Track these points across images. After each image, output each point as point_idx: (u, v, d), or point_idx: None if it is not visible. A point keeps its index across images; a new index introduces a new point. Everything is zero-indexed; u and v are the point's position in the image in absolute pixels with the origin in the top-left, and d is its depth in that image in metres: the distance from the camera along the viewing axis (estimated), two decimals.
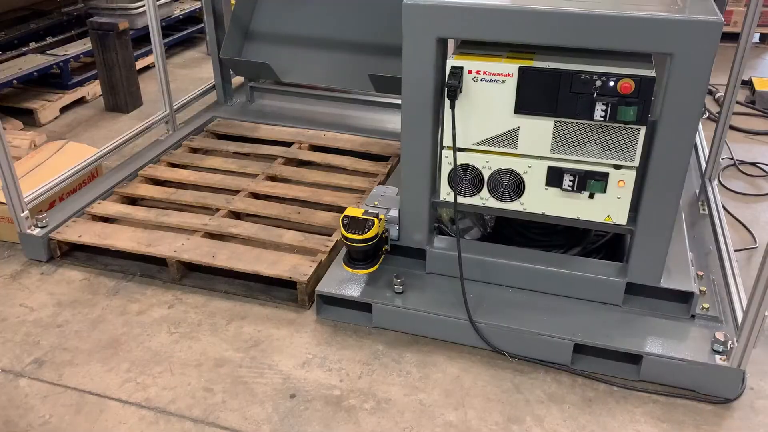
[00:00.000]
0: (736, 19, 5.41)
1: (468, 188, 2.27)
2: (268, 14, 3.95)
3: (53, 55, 4.38)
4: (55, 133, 4.01)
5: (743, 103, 4.30)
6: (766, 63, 5.21)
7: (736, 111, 4.12)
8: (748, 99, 4.35)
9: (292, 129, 3.71)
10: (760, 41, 5.63)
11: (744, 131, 3.95)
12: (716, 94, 4.42)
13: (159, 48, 3.44)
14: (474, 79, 2.10)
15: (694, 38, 1.84)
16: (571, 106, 2.02)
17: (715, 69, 1.93)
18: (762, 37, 5.62)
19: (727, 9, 5.10)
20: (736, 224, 3.01)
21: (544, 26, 1.96)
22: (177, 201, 3.01)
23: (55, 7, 5.27)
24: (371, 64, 3.69)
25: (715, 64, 1.89)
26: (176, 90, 4.31)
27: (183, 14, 5.54)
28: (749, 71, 4.86)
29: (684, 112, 1.95)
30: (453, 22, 2.06)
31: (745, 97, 4.36)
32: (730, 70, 2.81)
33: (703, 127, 3.77)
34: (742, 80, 3.34)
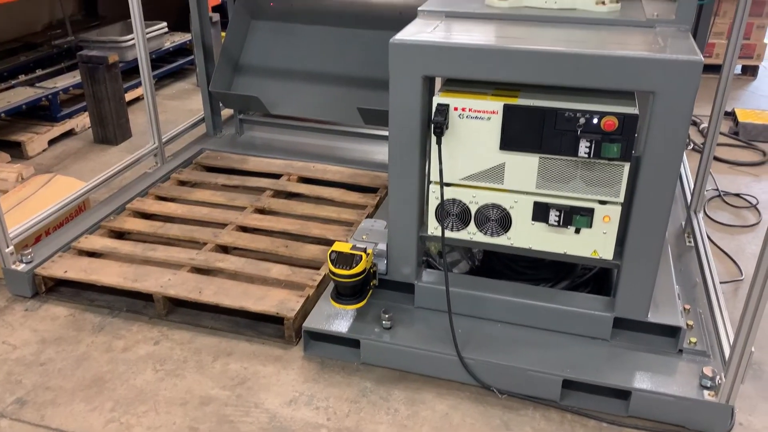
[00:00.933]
0: (718, 51, 5.51)
1: (455, 222, 2.27)
2: (257, 47, 3.99)
3: (42, 88, 4.39)
4: (42, 165, 4.00)
5: (727, 134, 4.36)
6: (748, 94, 5.30)
7: (720, 142, 4.18)
8: (732, 130, 4.41)
9: (281, 161, 3.72)
10: (742, 73, 5.73)
11: (728, 162, 4.00)
12: (700, 125, 4.48)
13: (148, 82, 3.45)
14: (460, 116, 2.12)
15: (676, 77, 1.87)
16: (555, 142, 2.04)
17: (699, 100, 1.96)
18: (744, 68, 5.73)
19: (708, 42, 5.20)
20: (722, 256, 3.03)
21: (528, 65, 1.99)
22: (164, 235, 3.00)
23: (45, 39, 5.29)
24: (360, 97, 3.72)
25: (699, 95, 1.92)
26: (166, 121, 4.34)
27: (173, 46, 5.58)
28: (732, 102, 4.94)
29: (667, 148, 1.98)
30: (439, 60, 2.08)
31: (728, 128, 4.43)
32: (713, 102, 2.85)
33: (687, 158, 3.81)
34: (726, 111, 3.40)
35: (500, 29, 2.22)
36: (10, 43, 5.25)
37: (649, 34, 2.10)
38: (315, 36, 3.93)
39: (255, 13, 3.99)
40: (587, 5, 2.29)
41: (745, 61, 5.65)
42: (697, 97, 1.91)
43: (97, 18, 6.11)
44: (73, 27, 5.58)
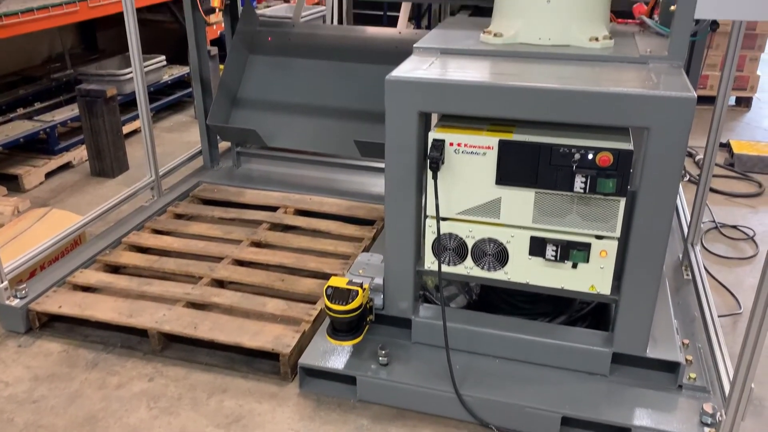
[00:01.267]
0: (712, 83, 5.57)
1: (452, 257, 2.26)
2: (255, 81, 4.02)
3: (40, 121, 4.41)
4: (39, 198, 4.00)
5: (722, 165, 4.39)
6: (742, 125, 5.34)
7: (716, 173, 4.20)
8: (727, 161, 4.43)
9: (278, 193, 3.72)
10: (736, 104, 5.78)
11: (724, 194, 4.01)
12: (696, 157, 4.50)
13: (146, 116, 3.47)
14: (456, 151, 2.13)
15: (669, 113, 1.88)
16: (551, 178, 2.05)
17: (694, 131, 1.96)
18: (738, 100, 5.78)
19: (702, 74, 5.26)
20: (720, 289, 3.02)
21: (522, 102, 2.00)
22: (160, 269, 2.98)
23: (44, 73, 5.33)
24: (356, 130, 3.74)
25: (694, 127, 1.92)
26: (163, 154, 4.35)
27: (172, 79, 5.62)
28: (727, 134, 4.97)
29: (662, 183, 1.98)
30: (434, 97, 2.10)
31: (724, 160, 4.45)
32: (708, 133, 2.87)
33: (683, 189, 3.82)
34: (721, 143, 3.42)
35: (495, 66, 2.24)
36: (9, 77, 5.28)
37: (642, 71, 2.12)
38: (312, 70, 3.97)
39: (253, 48, 4.03)
40: (581, 42, 2.31)
41: (738, 93, 5.70)
42: (692, 128, 1.91)
43: (96, 51, 6.17)
44: (73, 60, 5.63)
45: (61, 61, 5.56)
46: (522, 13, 2.37)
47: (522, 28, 2.37)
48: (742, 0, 2.00)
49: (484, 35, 2.45)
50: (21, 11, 3.86)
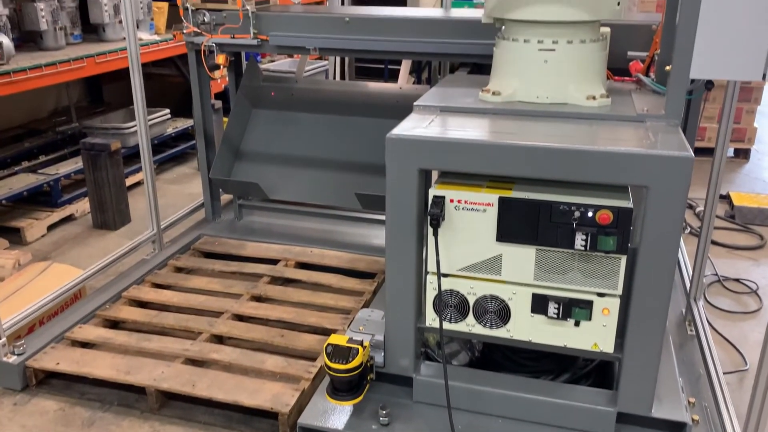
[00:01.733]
0: (710, 135, 5.63)
1: (454, 314, 2.25)
2: (258, 135, 4.07)
3: (44, 174, 4.46)
4: (41, 251, 4.00)
5: (723, 217, 4.40)
6: (742, 177, 5.37)
7: (717, 226, 4.20)
8: (728, 213, 4.44)
9: (279, 246, 3.72)
10: (735, 156, 5.83)
11: (726, 246, 4.01)
12: (696, 209, 4.52)
13: (149, 170, 3.51)
14: (456, 208, 2.14)
15: (667, 173, 1.89)
16: (551, 235, 2.05)
17: (694, 183, 1.97)
18: (736, 152, 5.83)
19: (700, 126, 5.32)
20: (725, 344, 2.99)
21: (521, 160, 2.02)
22: (159, 324, 2.96)
23: (50, 126, 5.41)
24: (358, 182, 3.77)
25: (693, 178, 1.92)
26: (165, 205, 4.37)
27: (176, 132, 5.69)
28: (726, 185, 5.00)
29: (663, 241, 1.98)
30: (434, 155, 2.12)
31: (724, 212, 4.46)
32: (707, 185, 2.88)
33: (684, 242, 3.82)
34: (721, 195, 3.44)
35: (494, 124, 2.27)
36: (15, 130, 5.36)
37: (639, 129, 2.15)
38: (314, 123, 4.02)
39: (256, 102, 4.10)
40: (578, 100, 2.35)
41: (736, 145, 5.76)
42: (692, 179, 1.92)
43: (102, 104, 6.27)
44: (78, 113, 5.72)
45: (67, 114, 5.65)
46: (520, 72, 2.41)
47: (520, 87, 2.41)
48: (735, 60, 2.05)
49: (483, 93, 2.49)
50: (29, 67, 3.94)
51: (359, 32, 3.40)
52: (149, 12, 5.32)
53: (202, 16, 3.54)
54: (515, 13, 2.33)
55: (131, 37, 3.33)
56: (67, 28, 4.79)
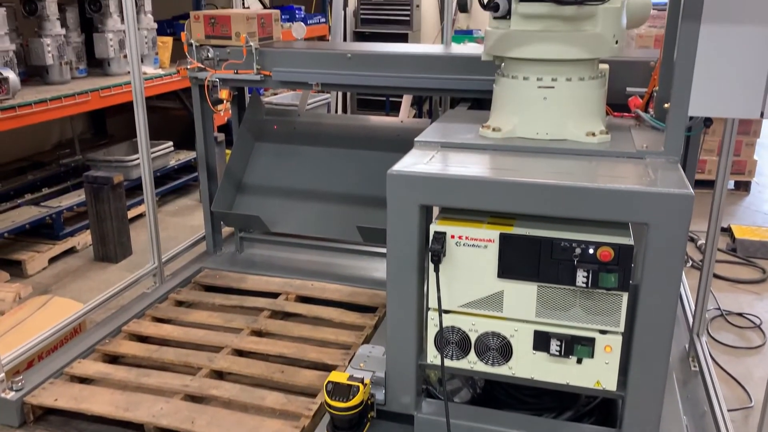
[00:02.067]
0: (710, 168, 5.65)
1: (455, 351, 2.23)
2: (260, 168, 4.10)
3: (47, 207, 4.48)
4: (41, 284, 4.00)
5: (724, 250, 4.39)
6: (742, 209, 5.38)
7: (719, 259, 4.19)
8: (729, 246, 4.44)
9: (280, 279, 3.71)
10: (735, 188, 5.85)
11: (728, 280, 4.00)
12: (697, 242, 4.51)
13: (151, 204, 3.52)
14: (457, 244, 2.14)
15: (667, 210, 1.90)
16: (552, 272, 2.05)
17: (694, 216, 1.96)
18: (736, 184, 5.85)
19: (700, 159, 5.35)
20: (729, 380, 2.96)
21: (522, 197, 2.03)
22: (159, 359, 2.94)
23: (54, 158, 5.45)
24: (359, 215, 3.78)
25: (694, 211, 1.92)
26: (167, 238, 4.38)
27: (178, 164, 5.73)
28: (727, 218, 5.01)
29: (664, 278, 1.98)
30: (435, 191, 2.13)
31: (726, 245, 4.46)
32: (708, 218, 2.88)
33: (686, 276, 3.81)
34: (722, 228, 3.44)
35: (494, 160, 2.29)
36: (19, 162, 5.40)
37: (639, 166, 2.16)
38: (316, 156, 4.05)
39: (259, 136, 4.13)
40: (578, 137, 2.36)
41: (737, 177, 5.78)
42: (693, 212, 1.92)
43: (105, 136, 6.33)
44: (82, 145, 5.77)
45: (71, 147, 5.70)
46: (519, 108, 2.43)
47: (520, 123, 2.43)
48: (733, 98, 2.07)
49: (483, 129, 2.51)
50: (34, 102, 3.99)
51: (361, 68, 3.44)
52: (154, 46, 5.40)
53: (206, 52, 3.59)
54: (514, 51, 2.36)
55: (135, 72, 3.37)
56: (73, 63, 4.86)
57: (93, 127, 6.44)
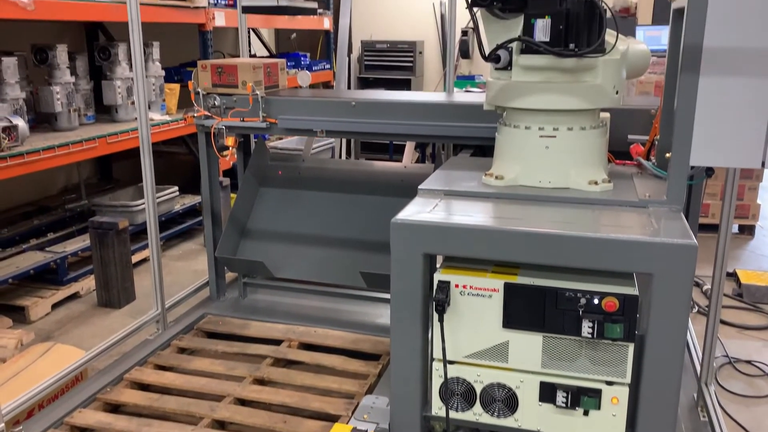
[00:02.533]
0: (714, 212, 5.66)
1: (460, 402, 2.21)
2: (264, 213, 4.12)
3: (52, 253, 4.49)
4: (44, 330, 3.98)
5: (731, 296, 4.36)
6: (747, 253, 5.36)
7: (725, 304, 4.17)
8: (735, 291, 4.41)
9: (283, 325, 3.69)
10: (740, 232, 5.84)
11: (735, 326, 3.96)
12: (703, 287, 4.49)
13: (155, 251, 3.53)
14: (461, 293, 2.14)
15: (671, 260, 1.90)
16: (558, 322, 2.04)
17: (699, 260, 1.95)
18: (741, 228, 5.84)
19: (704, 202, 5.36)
20: (739, 430, 2.91)
21: (526, 246, 2.03)
22: (161, 408, 2.91)
23: (59, 203, 5.49)
24: (363, 260, 3.78)
25: (699, 255, 1.91)
26: (170, 283, 4.37)
27: (183, 208, 5.76)
28: (733, 262, 4.99)
29: (669, 328, 1.96)
30: (438, 240, 2.14)
31: (732, 290, 4.43)
32: (714, 263, 2.87)
33: (693, 322, 3.78)
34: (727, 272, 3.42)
35: (497, 209, 2.30)
36: (25, 207, 5.44)
37: (642, 215, 2.17)
38: (320, 201, 4.07)
39: (263, 181, 4.16)
40: (580, 185, 2.38)
41: (741, 221, 5.78)
42: (698, 257, 1.91)
43: (111, 181, 6.38)
44: (88, 190, 5.81)
45: (77, 191, 5.74)
46: (522, 157, 2.45)
47: (522, 172, 2.45)
48: (734, 148, 2.09)
49: (486, 177, 2.53)
50: (42, 149, 4.04)
51: (365, 116, 3.49)
52: (161, 93, 5.49)
53: (213, 100, 3.65)
54: (516, 102, 2.39)
55: (143, 119, 3.42)
56: (81, 110, 4.93)
57: (99, 171, 6.50)
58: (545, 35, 2.24)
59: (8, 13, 3.68)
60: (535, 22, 2.25)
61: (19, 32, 4.92)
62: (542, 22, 2.24)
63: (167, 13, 5.14)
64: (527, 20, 2.27)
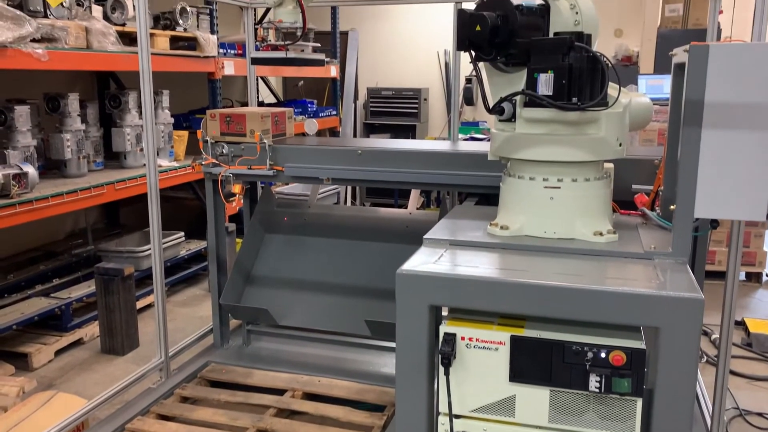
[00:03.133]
0: (720, 258, 5.63)
1: None
2: (270, 259, 4.13)
3: (57, 299, 4.48)
4: (46, 378, 3.95)
5: (740, 345, 4.31)
6: (755, 301, 5.32)
7: (734, 354, 4.11)
8: (744, 341, 4.36)
9: (287, 375, 3.66)
10: (747, 279, 5.80)
11: (745, 377, 3.90)
12: (711, 336, 4.44)
13: (160, 299, 3.52)
14: (467, 346, 2.12)
15: (678, 314, 1.88)
16: (565, 376, 2.01)
17: (707, 307, 1.93)
18: (748, 275, 5.81)
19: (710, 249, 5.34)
20: None
21: (532, 299, 2.03)
22: None
23: (66, 248, 5.51)
24: (368, 308, 3.76)
25: (707, 303, 1.89)
26: (174, 330, 4.36)
27: (188, 254, 5.77)
28: (741, 311, 4.94)
29: (678, 382, 1.93)
30: (444, 291, 2.13)
31: (741, 339, 4.38)
32: (722, 311, 2.84)
33: (702, 372, 3.73)
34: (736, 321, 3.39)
35: (503, 260, 2.30)
36: (31, 252, 5.46)
37: (648, 266, 2.16)
38: (325, 248, 4.08)
39: (269, 227, 4.19)
40: (585, 236, 2.38)
41: (748, 269, 5.74)
42: (705, 305, 1.89)
43: (118, 225, 6.41)
44: (95, 235, 5.84)
45: (84, 237, 5.77)
46: (526, 207, 2.46)
47: (527, 222, 2.46)
48: (738, 201, 2.09)
49: (491, 227, 2.53)
50: (51, 195, 4.08)
51: (371, 164, 3.53)
52: (170, 140, 5.56)
53: (221, 148, 3.70)
54: (520, 153, 2.42)
55: (151, 167, 3.46)
56: (90, 156, 4.99)
57: (106, 216, 6.54)
58: (548, 89, 2.27)
59: (24, 64, 3.77)
60: (539, 77, 2.29)
61: (32, 81, 5.02)
62: (545, 77, 2.27)
63: (178, 62, 5.25)
64: (530, 74, 2.31)
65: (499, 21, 2.35)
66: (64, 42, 4.09)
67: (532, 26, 2.41)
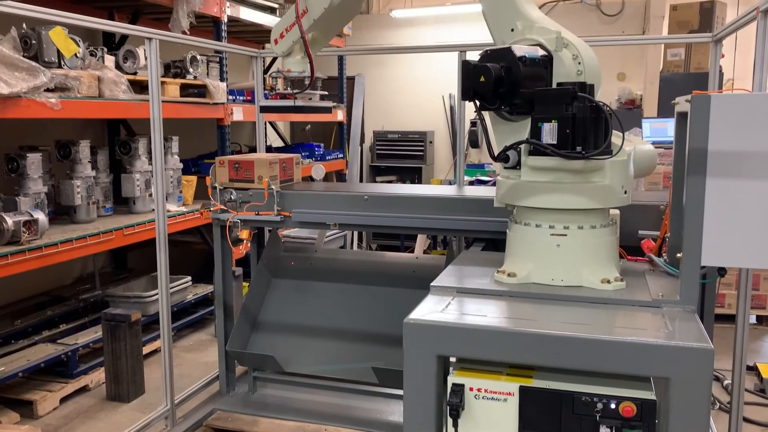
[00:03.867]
0: (730, 302, 5.58)
1: None
2: (276, 304, 4.12)
3: (63, 345, 4.47)
4: (51, 426, 3.92)
5: (753, 391, 4.24)
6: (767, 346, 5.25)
7: (747, 401, 4.04)
8: (757, 387, 4.29)
9: (293, 423, 3.62)
10: (758, 323, 5.74)
11: (759, 424, 3.83)
12: (724, 381, 4.37)
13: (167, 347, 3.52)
14: (476, 396, 2.10)
15: (688, 365, 1.87)
16: (575, 427, 1.99)
17: (718, 352, 1.90)
18: (758, 318, 5.75)
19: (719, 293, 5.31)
20: None
21: (540, 349, 2.01)
22: None
23: (73, 293, 5.52)
24: (375, 354, 3.74)
25: (718, 347, 1.87)
26: (180, 376, 4.33)
27: (195, 298, 5.77)
28: (753, 356, 4.87)
29: None
30: (452, 341, 2.12)
31: (754, 385, 4.31)
32: (733, 356, 2.80)
33: (714, 420, 3.66)
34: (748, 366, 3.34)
35: (511, 308, 2.29)
36: (39, 297, 5.47)
37: (656, 315, 2.15)
38: (332, 293, 4.08)
39: (276, 272, 4.19)
40: (593, 284, 2.37)
41: (758, 312, 5.69)
42: (716, 349, 1.87)
43: (126, 270, 6.43)
44: (102, 279, 5.85)
45: (91, 281, 5.78)
46: (533, 254, 2.47)
47: (534, 269, 2.46)
48: (745, 248, 2.09)
49: (498, 274, 2.53)
50: (60, 242, 4.11)
51: (377, 209, 3.55)
52: (178, 185, 5.61)
53: (229, 194, 3.74)
54: (525, 200, 2.43)
55: (160, 214, 3.50)
56: (100, 202, 5.04)
57: (114, 260, 6.56)
58: (552, 138, 2.30)
59: (37, 113, 3.84)
60: (543, 126, 2.32)
61: (44, 128, 5.11)
62: (549, 126, 2.30)
63: (187, 109, 5.34)
64: (534, 123, 2.34)
65: (502, 72, 2.39)
66: (76, 91, 4.18)
67: (536, 77, 2.46)
